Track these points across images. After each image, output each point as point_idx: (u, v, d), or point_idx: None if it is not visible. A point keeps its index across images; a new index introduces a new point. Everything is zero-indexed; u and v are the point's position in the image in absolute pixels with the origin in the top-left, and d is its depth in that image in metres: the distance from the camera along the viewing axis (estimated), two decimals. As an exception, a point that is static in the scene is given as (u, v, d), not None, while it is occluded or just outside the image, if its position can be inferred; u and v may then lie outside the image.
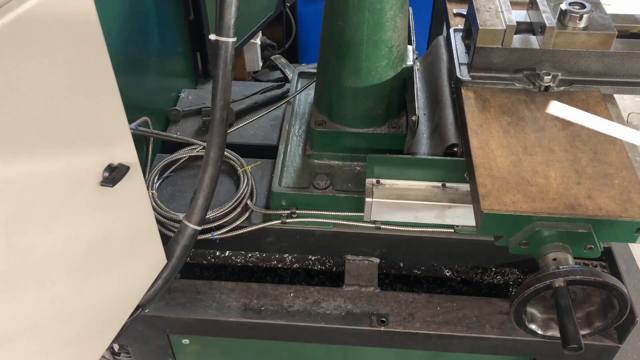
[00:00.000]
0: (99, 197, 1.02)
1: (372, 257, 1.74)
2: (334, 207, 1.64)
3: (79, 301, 1.05)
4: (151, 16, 1.85)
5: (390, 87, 1.62)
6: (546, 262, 1.24)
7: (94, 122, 0.97)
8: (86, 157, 0.97)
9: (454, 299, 1.62)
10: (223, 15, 1.20)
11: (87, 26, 0.90)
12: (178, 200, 1.74)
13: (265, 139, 1.94)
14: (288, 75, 2.85)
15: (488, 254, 1.70)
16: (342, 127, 1.70)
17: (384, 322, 1.56)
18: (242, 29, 2.42)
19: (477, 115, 1.45)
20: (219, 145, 1.32)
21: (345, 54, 1.55)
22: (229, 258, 1.83)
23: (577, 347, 1.11)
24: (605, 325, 1.29)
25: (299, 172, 1.70)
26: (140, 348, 1.77)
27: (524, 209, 1.22)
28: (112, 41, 1.58)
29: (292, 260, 1.83)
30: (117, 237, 1.11)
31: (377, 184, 1.51)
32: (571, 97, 1.50)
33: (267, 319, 1.58)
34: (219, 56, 1.24)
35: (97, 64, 0.94)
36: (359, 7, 1.45)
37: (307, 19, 3.26)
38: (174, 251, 1.36)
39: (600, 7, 1.52)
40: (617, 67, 1.49)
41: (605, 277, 1.18)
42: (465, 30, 1.69)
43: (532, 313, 1.33)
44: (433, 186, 1.51)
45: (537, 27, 1.52)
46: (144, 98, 1.87)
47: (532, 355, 1.64)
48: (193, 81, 2.26)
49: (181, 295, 1.63)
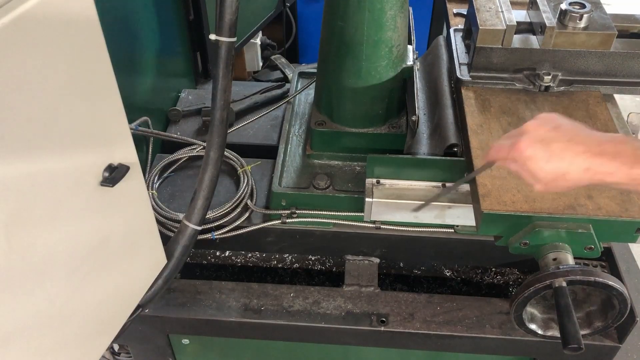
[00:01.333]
0: (99, 197, 1.02)
1: (372, 257, 1.74)
2: (334, 207, 1.64)
3: (79, 301, 1.05)
4: (151, 16, 1.84)
5: (390, 87, 1.62)
6: (546, 262, 1.24)
7: (94, 122, 0.97)
8: (86, 157, 0.97)
9: (454, 299, 1.62)
10: (223, 15, 1.20)
11: (87, 26, 0.90)
12: (178, 200, 1.74)
13: (265, 139, 1.94)
14: (288, 75, 2.85)
15: (488, 254, 1.70)
16: (342, 127, 1.70)
17: (384, 322, 1.56)
18: (242, 29, 2.42)
19: (477, 115, 1.45)
20: (219, 145, 1.32)
21: (345, 54, 1.55)
22: (229, 258, 1.83)
23: (577, 347, 1.11)
24: (605, 325, 1.29)
25: (299, 172, 1.70)
26: (140, 348, 1.77)
27: (524, 209, 1.22)
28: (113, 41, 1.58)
29: (292, 260, 1.83)
30: (117, 237, 1.11)
31: (377, 184, 1.51)
32: (571, 97, 1.50)
33: (267, 319, 1.58)
34: (219, 56, 1.24)
35: (97, 64, 0.94)
36: (359, 7, 1.45)
37: (307, 19, 3.26)
38: (174, 251, 1.36)
39: (600, 7, 1.52)
40: (617, 67, 1.49)
41: (605, 277, 1.18)
42: (465, 30, 1.69)
43: (532, 313, 1.33)
44: (433, 186, 1.51)
45: (537, 27, 1.52)
46: (144, 98, 1.87)
47: (532, 355, 1.64)
48: (193, 81, 2.26)
49: (181, 295, 1.63)
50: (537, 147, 0.99)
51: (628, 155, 0.92)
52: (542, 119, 1.03)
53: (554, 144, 0.98)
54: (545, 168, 0.99)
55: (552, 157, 0.98)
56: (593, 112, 1.45)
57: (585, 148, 0.95)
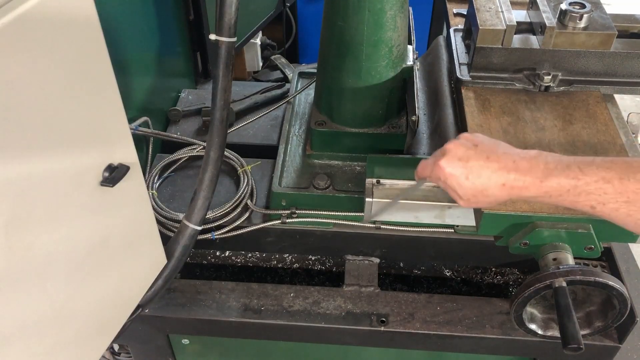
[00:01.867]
0: (99, 197, 1.02)
1: (372, 257, 1.74)
2: (334, 207, 1.64)
3: (79, 301, 1.05)
4: (151, 16, 1.84)
5: (390, 87, 1.62)
6: (546, 262, 1.24)
7: (94, 122, 0.97)
8: (86, 157, 0.97)
9: (454, 299, 1.62)
10: (223, 15, 1.20)
11: (87, 26, 0.90)
12: (178, 200, 1.74)
13: (265, 139, 1.94)
14: (288, 75, 2.85)
15: (488, 254, 1.70)
16: (342, 127, 1.70)
17: (384, 322, 1.56)
18: (242, 29, 2.42)
19: (477, 115, 1.45)
20: (219, 145, 1.32)
21: (345, 54, 1.55)
22: (229, 258, 1.83)
23: (577, 347, 1.11)
24: (605, 325, 1.29)
25: (299, 172, 1.70)
26: (140, 348, 1.77)
27: (524, 209, 1.22)
28: (112, 41, 1.58)
29: (292, 260, 1.83)
30: (117, 237, 1.11)
31: (377, 184, 1.51)
32: (571, 97, 1.50)
33: (267, 319, 1.58)
34: (219, 56, 1.24)
35: (97, 64, 0.94)
36: (359, 7, 1.45)
37: (307, 19, 3.26)
38: (174, 251, 1.36)
39: (600, 7, 1.52)
40: (617, 67, 1.49)
41: (605, 277, 1.18)
42: (465, 30, 1.69)
43: (532, 313, 1.33)
44: (433, 186, 1.51)
45: (537, 27, 1.52)
46: (144, 98, 1.86)
47: (532, 355, 1.64)
48: (193, 81, 2.26)
49: (181, 295, 1.63)
50: (456, 165, 1.05)
51: (540, 169, 0.99)
52: (463, 137, 1.10)
53: (472, 162, 1.04)
54: (465, 184, 1.05)
55: (470, 174, 1.04)
56: (593, 112, 1.45)
57: (500, 165, 1.02)
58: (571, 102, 1.48)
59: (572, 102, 1.49)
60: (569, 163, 0.98)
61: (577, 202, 0.98)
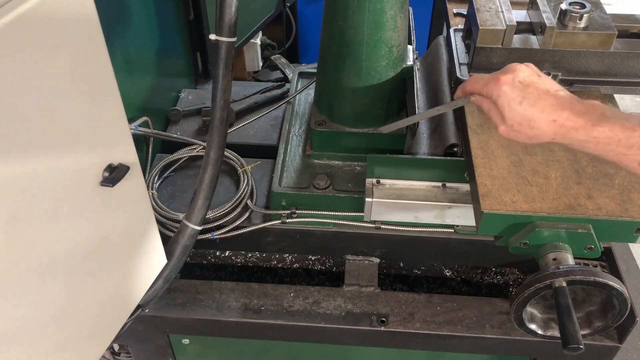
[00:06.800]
0: (99, 197, 1.02)
1: (372, 257, 1.74)
2: (334, 207, 1.64)
3: (79, 301, 1.05)
4: (151, 16, 1.85)
5: (390, 87, 1.62)
6: (546, 262, 1.24)
7: (94, 122, 0.97)
8: (86, 157, 0.97)
9: (454, 299, 1.62)
10: (223, 15, 1.20)
11: (87, 26, 0.90)
12: (178, 200, 1.74)
13: (265, 139, 1.94)
14: (288, 75, 2.85)
15: (488, 254, 1.70)
16: (342, 127, 1.70)
17: (384, 322, 1.56)
18: (242, 29, 2.42)
19: (477, 115, 1.45)
20: (219, 145, 1.32)
21: (345, 54, 1.55)
22: (229, 258, 1.83)
23: (577, 347, 1.11)
24: (605, 325, 1.29)
25: (299, 172, 1.70)
26: (140, 348, 1.77)
27: (524, 209, 1.22)
28: (112, 41, 1.58)
29: (292, 260, 1.83)
30: (117, 237, 1.11)
31: (377, 184, 1.51)
32: (571, 97, 1.50)
33: (267, 319, 1.58)
34: (219, 56, 1.24)
35: (97, 64, 0.94)
36: (359, 7, 1.45)
37: (307, 19, 3.26)
38: (174, 251, 1.36)
39: (600, 7, 1.52)
40: (617, 67, 1.49)
41: (605, 277, 1.18)
42: (465, 30, 1.69)
43: (532, 313, 1.33)
44: (433, 186, 1.51)
45: (537, 27, 1.52)
46: (144, 98, 1.87)
47: (532, 355, 1.64)
48: (193, 81, 2.26)
49: (181, 295, 1.63)
50: (515, 85, 1.01)
51: (596, 114, 0.96)
52: (530, 66, 1.06)
53: (531, 88, 1.01)
54: (515, 108, 1.01)
55: (525, 99, 1.00)
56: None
57: (557, 101, 0.99)
58: (571, 102, 1.48)
59: (572, 102, 1.48)
60: (628, 116, 0.95)
61: (626, 155, 0.94)
